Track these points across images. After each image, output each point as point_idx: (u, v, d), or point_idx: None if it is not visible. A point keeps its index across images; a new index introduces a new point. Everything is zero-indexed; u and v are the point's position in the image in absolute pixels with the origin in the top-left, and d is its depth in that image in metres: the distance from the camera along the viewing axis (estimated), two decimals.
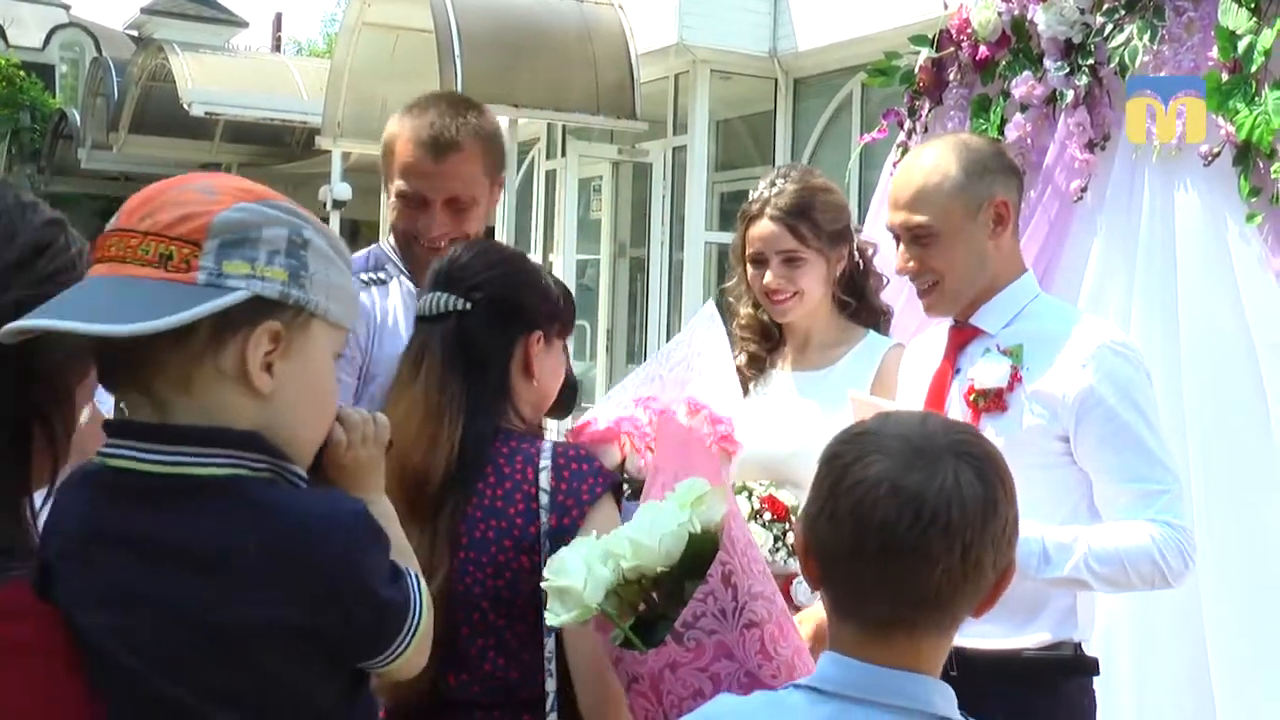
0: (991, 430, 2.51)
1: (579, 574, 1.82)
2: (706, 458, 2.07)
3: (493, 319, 2.15)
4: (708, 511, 1.83)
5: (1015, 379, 2.51)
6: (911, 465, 1.43)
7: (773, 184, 2.97)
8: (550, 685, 2.02)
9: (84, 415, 1.41)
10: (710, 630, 1.83)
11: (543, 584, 1.85)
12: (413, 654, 1.40)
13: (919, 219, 2.56)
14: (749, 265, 2.99)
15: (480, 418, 2.09)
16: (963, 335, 2.63)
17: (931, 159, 2.59)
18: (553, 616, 1.84)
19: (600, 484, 2.08)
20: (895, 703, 1.46)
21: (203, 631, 1.25)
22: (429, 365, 2.12)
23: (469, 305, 2.14)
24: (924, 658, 1.49)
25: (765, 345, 3.08)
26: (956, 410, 2.58)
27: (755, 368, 3.08)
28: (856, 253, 3.05)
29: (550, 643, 2.04)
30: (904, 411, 1.66)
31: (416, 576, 1.43)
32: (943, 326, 2.76)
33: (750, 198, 3.01)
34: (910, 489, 1.42)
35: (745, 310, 3.07)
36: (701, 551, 1.81)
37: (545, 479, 2.04)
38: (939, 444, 1.46)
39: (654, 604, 1.90)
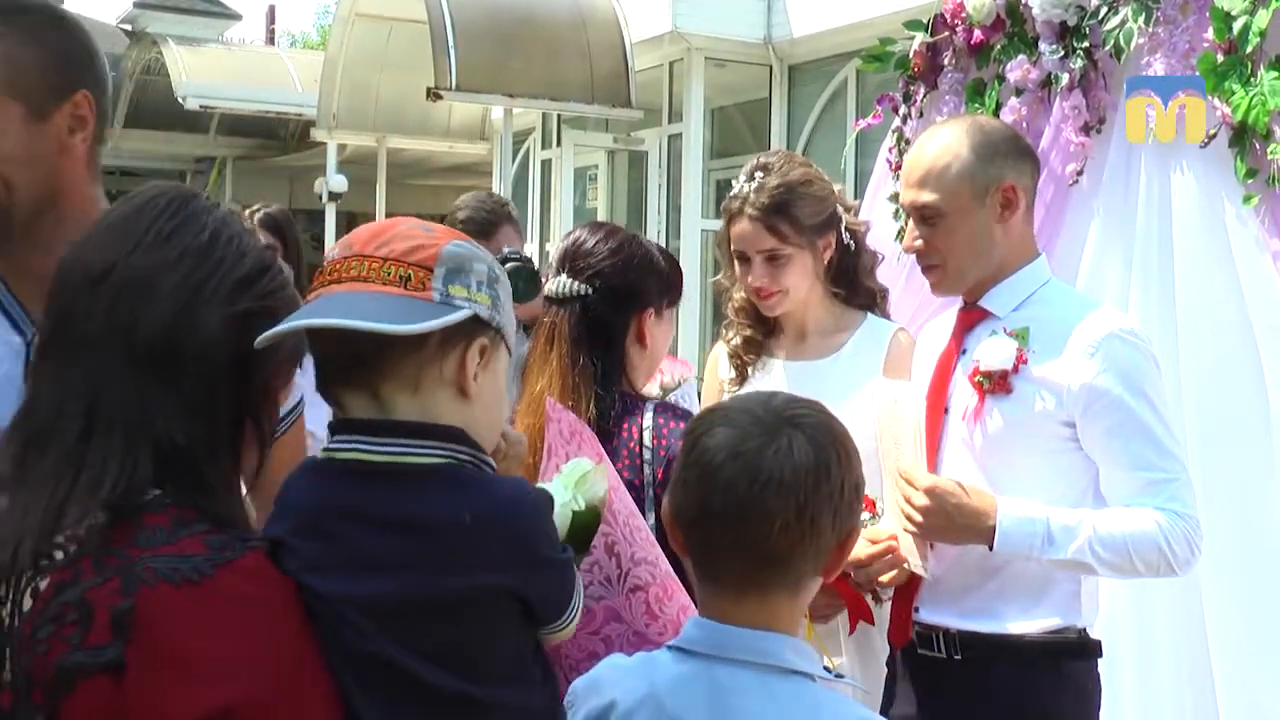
0: (998, 413, 2.52)
1: None
2: (592, 439, 2.19)
3: (612, 302, 2.50)
4: (591, 489, 1.94)
5: (1020, 361, 2.50)
6: (750, 434, 1.60)
7: (751, 177, 2.94)
8: None
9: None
10: (598, 596, 2.00)
11: None
12: (576, 621, 1.64)
13: (926, 199, 2.57)
14: (735, 261, 2.99)
15: (607, 388, 2.43)
16: (971, 317, 2.64)
17: (944, 140, 2.59)
18: None
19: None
20: (750, 659, 1.61)
21: (424, 595, 1.45)
22: (559, 344, 2.49)
23: (591, 290, 2.50)
24: (777, 617, 1.63)
25: (761, 329, 3.08)
26: (961, 391, 2.58)
27: (753, 352, 3.07)
28: (846, 234, 3.02)
29: None
30: (754, 391, 1.87)
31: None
32: (954, 309, 2.76)
33: (731, 191, 2.98)
34: (749, 454, 1.59)
35: (739, 294, 3.07)
36: (586, 526, 1.92)
37: (649, 437, 2.31)
38: (778, 416, 1.63)
39: None
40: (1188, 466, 2.50)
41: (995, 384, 2.52)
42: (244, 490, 1.57)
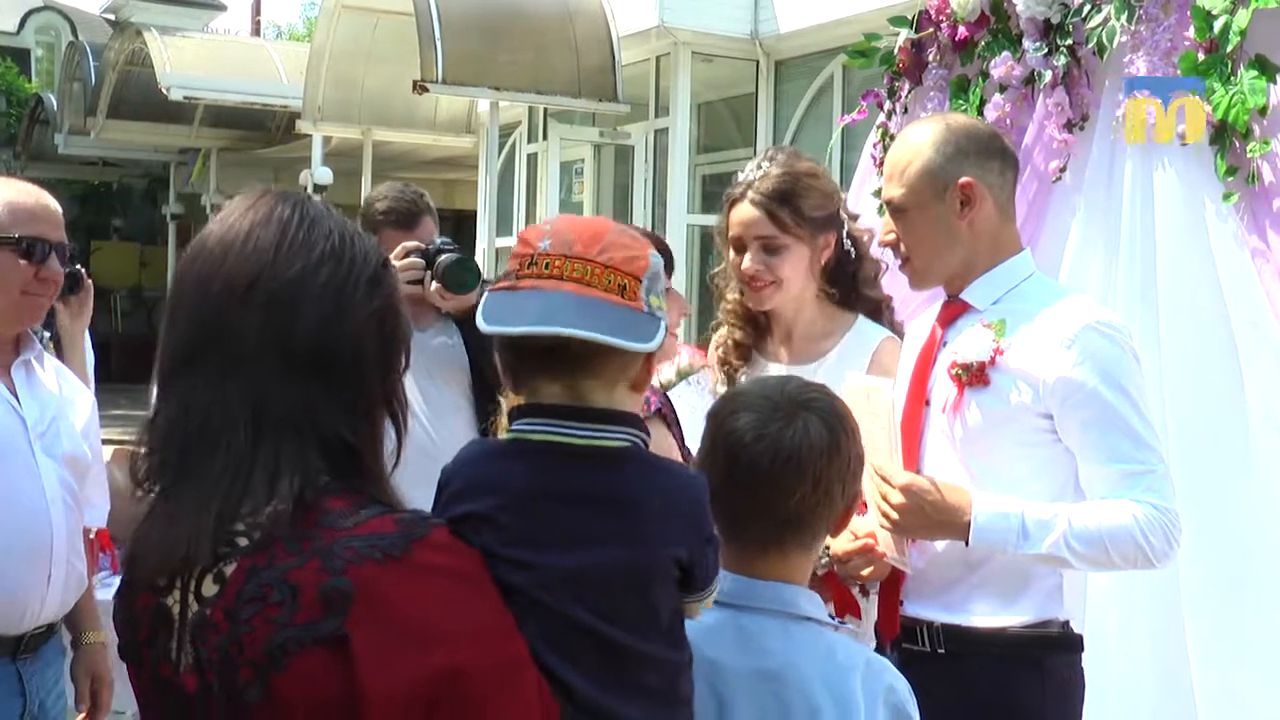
0: (975, 405, 2.53)
1: None
2: None
3: None
4: None
5: (997, 353, 2.52)
6: (771, 417, 1.85)
7: (759, 166, 2.92)
8: None
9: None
10: None
11: None
12: (713, 597, 1.75)
13: (891, 194, 2.62)
14: (732, 249, 2.95)
15: None
16: (953, 310, 2.65)
17: (914, 138, 2.64)
18: None
19: (648, 410, 2.43)
20: (770, 606, 1.85)
21: (622, 564, 1.59)
22: None
23: None
24: (793, 570, 1.89)
25: (751, 332, 3.06)
26: (941, 384, 2.60)
27: (742, 356, 3.05)
28: (847, 240, 2.99)
29: None
30: (771, 376, 2.12)
31: None
32: (937, 305, 2.77)
33: (736, 179, 2.96)
34: (770, 435, 1.84)
35: (732, 295, 3.05)
36: None
37: None
38: (794, 400, 1.88)
39: None
40: (1166, 458, 2.52)
41: (973, 376, 2.53)
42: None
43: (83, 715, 3.02)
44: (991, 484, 2.52)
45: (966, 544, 2.42)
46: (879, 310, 3.03)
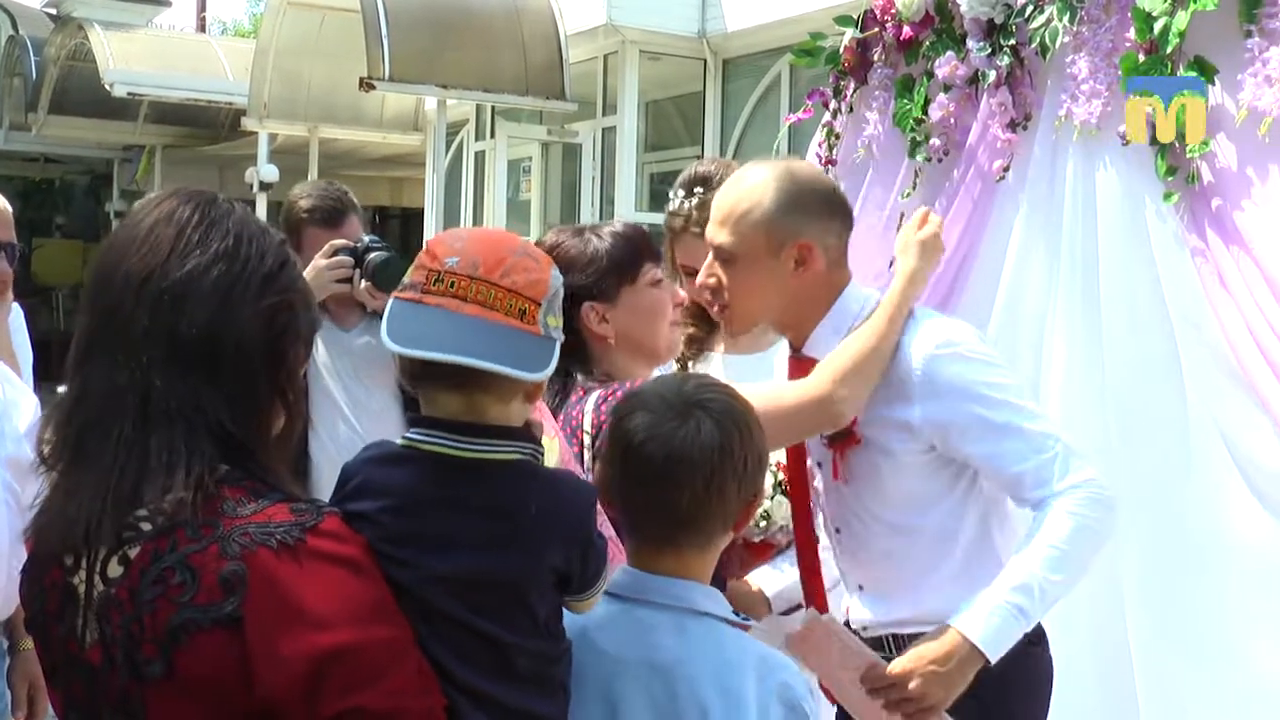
0: (856, 463, 2.52)
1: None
2: (549, 419, 2.39)
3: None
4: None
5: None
6: (664, 417, 1.87)
7: (691, 193, 3.02)
8: None
9: None
10: None
11: None
12: (597, 597, 1.84)
13: (721, 239, 2.53)
14: (682, 273, 3.07)
15: (560, 377, 2.56)
16: (802, 366, 2.57)
17: (752, 181, 2.53)
18: None
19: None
20: (665, 601, 1.88)
21: (495, 570, 1.69)
22: None
23: None
24: (690, 568, 1.91)
25: (705, 327, 3.16)
26: (816, 448, 2.61)
27: (694, 347, 3.16)
28: None
29: None
30: (672, 375, 2.14)
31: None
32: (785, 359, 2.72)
33: (671, 206, 3.06)
34: (661, 435, 1.86)
35: (682, 293, 3.07)
36: None
37: (588, 421, 2.46)
38: (688, 400, 1.90)
39: None
40: (1058, 433, 2.48)
41: (845, 440, 2.51)
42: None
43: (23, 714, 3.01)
44: (898, 517, 2.53)
45: (989, 664, 2.34)
46: None
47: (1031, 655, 2.55)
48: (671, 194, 3.12)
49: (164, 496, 1.54)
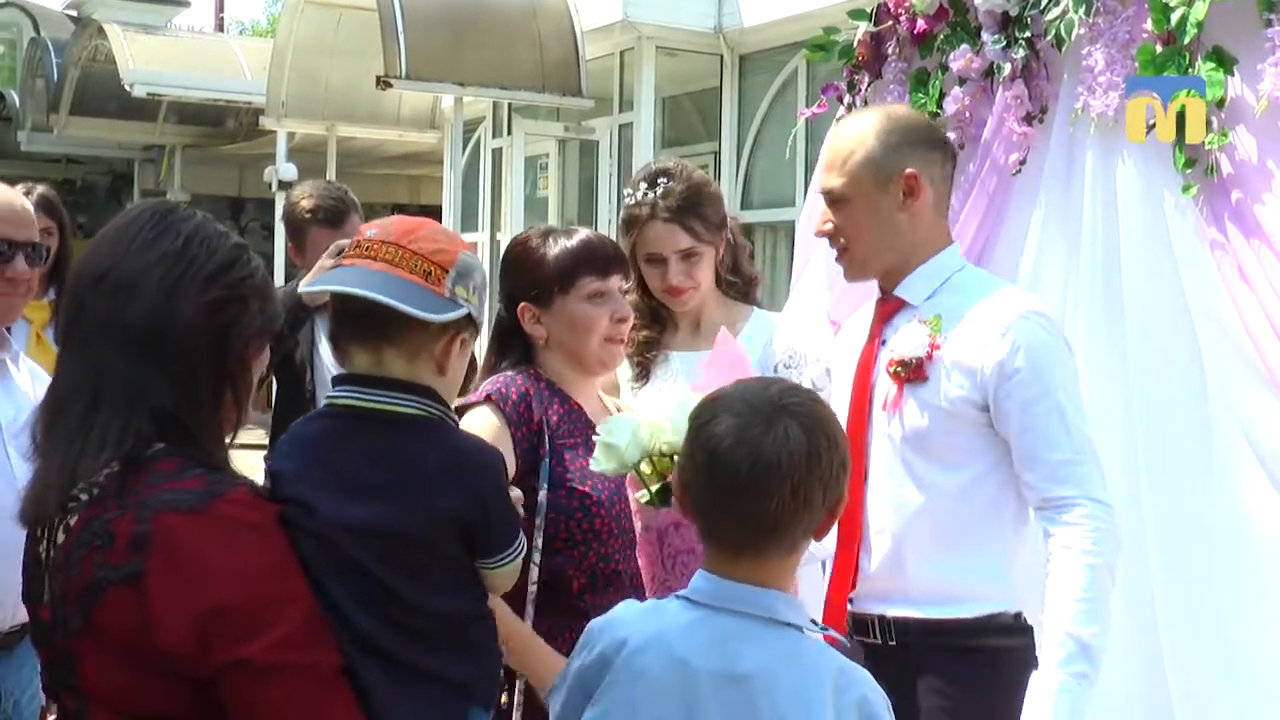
0: (914, 402, 2.55)
1: (624, 437, 2.41)
2: (746, 372, 2.55)
3: (508, 308, 2.74)
4: None
5: (933, 348, 2.53)
6: (751, 423, 1.83)
7: (654, 185, 3.10)
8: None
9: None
10: None
11: (594, 437, 2.49)
12: (513, 569, 1.98)
13: (831, 184, 2.63)
14: (644, 264, 3.14)
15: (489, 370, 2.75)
16: (888, 307, 2.67)
17: (855, 127, 2.65)
18: (596, 464, 2.47)
19: (480, 396, 2.65)
20: (747, 610, 1.85)
21: (390, 516, 1.82)
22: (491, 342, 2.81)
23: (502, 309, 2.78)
24: (771, 575, 1.88)
25: (657, 328, 3.24)
26: (882, 382, 2.62)
27: (652, 350, 3.23)
28: (729, 231, 3.24)
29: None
30: (753, 379, 2.10)
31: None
32: (873, 303, 2.78)
33: (631, 199, 3.14)
34: (750, 441, 1.82)
35: (631, 298, 3.14)
36: None
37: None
38: (774, 405, 1.86)
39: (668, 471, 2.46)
40: (1092, 446, 2.54)
41: (911, 372, 2.56)
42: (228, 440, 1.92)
43: (55, 716, 3.04)
44: (928, 474, 2.54)
45: None
46: (753, 285, 3.33)
47: (1018, 653, 2.58)
48: (629, 189, 3.19)
49: (100, 471, 1.72)
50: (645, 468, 2.47)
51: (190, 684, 1.68)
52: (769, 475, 1.81)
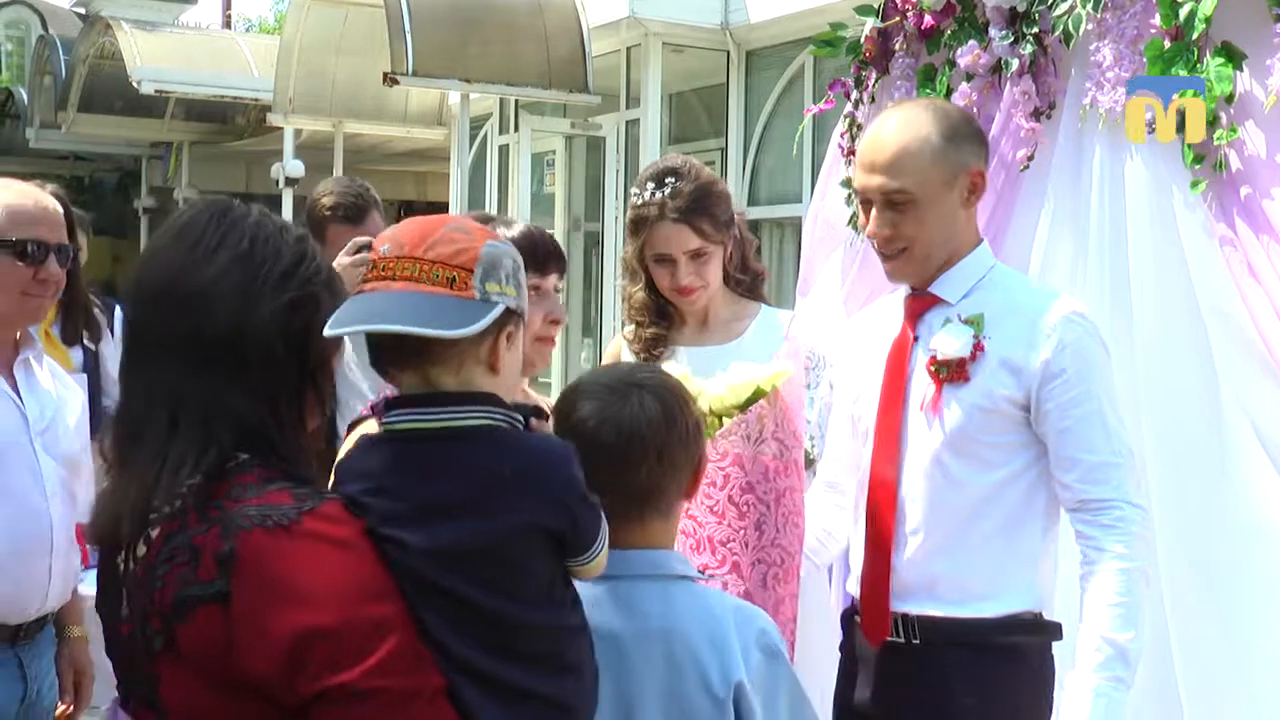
0: (955, 402, 2.52)
1: None
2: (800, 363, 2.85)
3: None
4: (773, 380, 2.62)
5: (978, 348, 2.51)
6: (609, 401, 2.00)
7: (661, 185, 3.07)
8: None
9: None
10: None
11: None
12: (603, 558, 1.88)
13: (898, 184, 2.53)
14: (652, 264, 3.12)
15: None
16: (921, 303, 2.63)
17: (910, 123, 2.56)
18: None
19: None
20: (646, 572, 2.01)
21: (474, 536, 1.73)
22: None
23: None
24: (655, 538, 2.04)
25: (664, 324, 3.22)
26: (919, 379, 2.59)
27: (660, 346, 3.21)
28: (737, 229, 3.21)
29: None
30: (605, 365, 2.26)
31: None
32: (895, 295, 2.75)
33: (639, 199, 3.12)
34: (611, 418, 1.99)
35: (639, 294, 3.20)
36: (752, 398, 2.60)
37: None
38: (626, 382, 2.04)
39: (711, 431, 2.57)
40: (1133, 451, 2.53)
41: (952, 373, 2.53)
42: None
43: (65, 707, 3.09)
44: (963, 474, 2.52)
45: None
46: (760, 280, 3.30)
47: (1041, 652, 2.58)
48: (636, 189, 3.17)
49: (182, 484, 1.65)
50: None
51: (279, 708, 1.61)
52: (633, 445, 1.97)
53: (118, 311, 4.60)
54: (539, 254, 2.59)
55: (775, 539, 2.63)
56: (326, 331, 1.74)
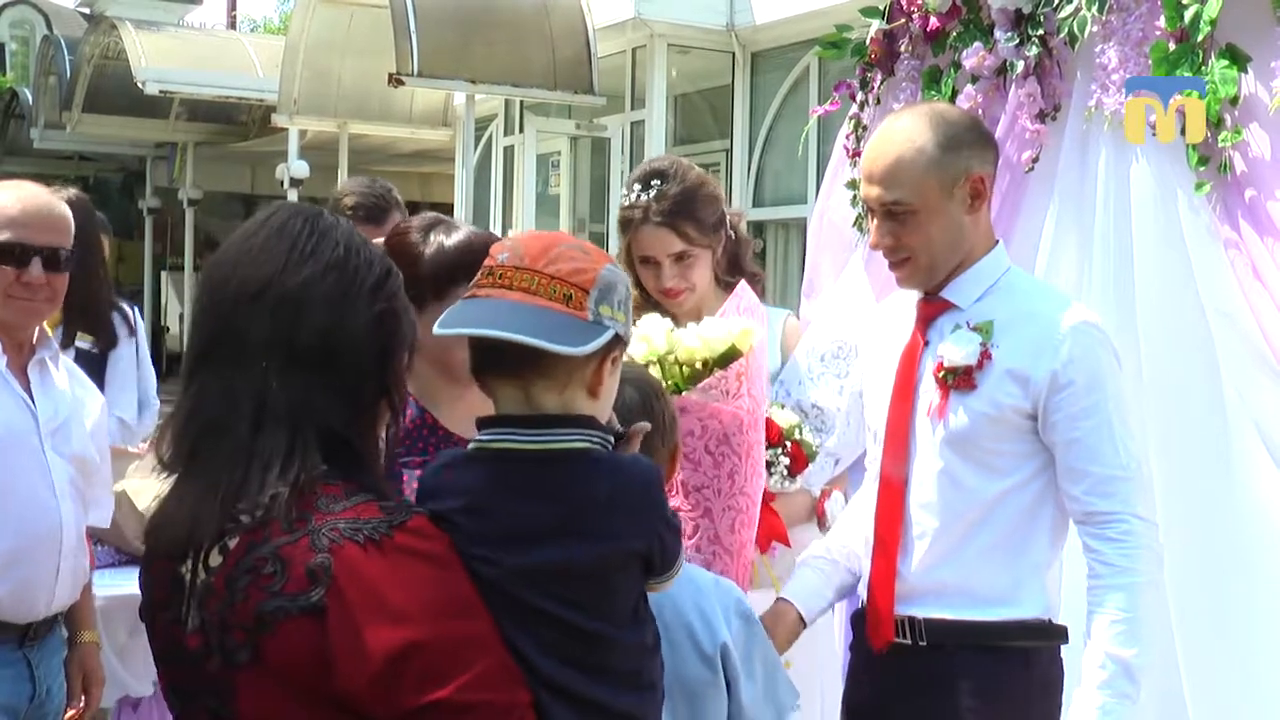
0: (962, 409, 2.52)
1: (650, 333, 2.68)
2: (763, 316, 2.90)
3: None
4: (747, 339, 2.70)
5: (985, 356, 2.50)
6: None
7: (647, 187, 3.08)
8: None
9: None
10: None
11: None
12: (679, 574, 1.88)
13: (894, 195, 2.53)
14: (638, 266, 3.13)
15: None
16: (932, 308, 2.62)
17: (906, 132, 2.55)
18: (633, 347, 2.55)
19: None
20: None
21: (570, 559, 1.71)
22: None
23: None
24: None
25: None
26: (927, 385, 2.59)
27: None
28: (730, 229, 3.20)
29: None
30: None
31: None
32: (912, 294, 2.75)
33: (626, 200, 3.11)
34: None
35: (634, 292, 3.17)
36: (729, 356, 2.69)
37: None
38: None
39: (680, 379, 2.71)
40: (1142, 462, 2.53)
41: (959, 380, 2.51)
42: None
43: (75, 712, 3.09)
44: (970, 480, 2.53)
45: None
46: (754, 282, 3.24)
47: (1048, 655, 2.57)
48: (624, 190, 3.16)
49: (264, 492, 1.62)
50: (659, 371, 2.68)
51: None
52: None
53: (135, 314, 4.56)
54: (478, 263, 2.41)
55: (743, 487, 2.69)
56: (436, 330, 1.75)
